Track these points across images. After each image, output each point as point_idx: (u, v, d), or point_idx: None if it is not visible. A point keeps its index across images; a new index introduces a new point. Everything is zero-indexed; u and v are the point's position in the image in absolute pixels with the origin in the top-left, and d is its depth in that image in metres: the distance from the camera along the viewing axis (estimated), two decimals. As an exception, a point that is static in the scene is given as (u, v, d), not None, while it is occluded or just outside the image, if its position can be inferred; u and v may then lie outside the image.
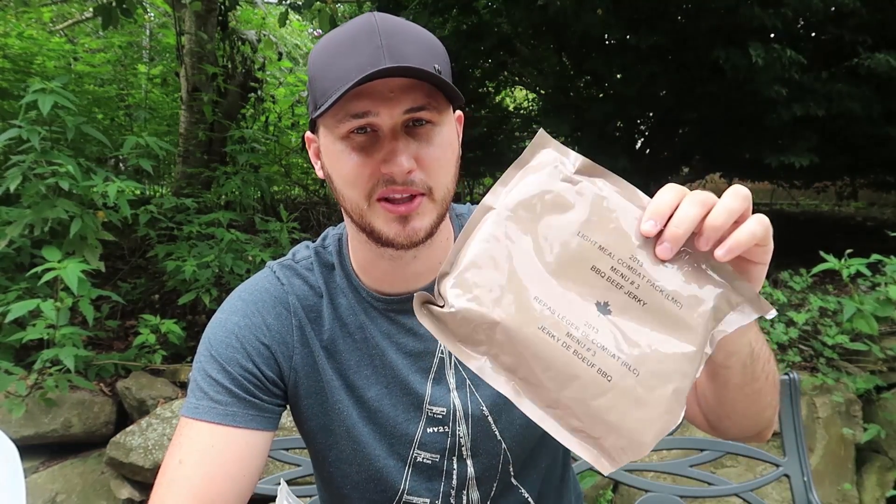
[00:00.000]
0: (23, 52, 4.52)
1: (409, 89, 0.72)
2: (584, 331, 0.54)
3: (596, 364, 0.53)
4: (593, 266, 0.55)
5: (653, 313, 0.55)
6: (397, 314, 0.87)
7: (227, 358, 0.82)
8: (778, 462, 1.39)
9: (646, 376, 0.54)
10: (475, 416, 0.86)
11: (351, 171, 0.75)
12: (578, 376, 0.53)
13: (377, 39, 0.71)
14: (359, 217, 0.77)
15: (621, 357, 0.54)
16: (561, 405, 0.54)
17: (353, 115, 0.72)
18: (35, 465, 2.47)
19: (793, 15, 3.56)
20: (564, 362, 0.53)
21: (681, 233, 0.54)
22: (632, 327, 0.55)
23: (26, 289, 2.50)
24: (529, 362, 0.54)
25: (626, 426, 0.54)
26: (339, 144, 0.75)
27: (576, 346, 0.53)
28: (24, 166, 2.53)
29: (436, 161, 0.75)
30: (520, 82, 6.22)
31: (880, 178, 5.35)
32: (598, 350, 0.54)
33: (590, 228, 0.56)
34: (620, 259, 0.55)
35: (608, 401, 0.53)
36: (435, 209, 0.77)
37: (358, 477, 0.88)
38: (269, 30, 6.05)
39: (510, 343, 0.54)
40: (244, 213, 3.75)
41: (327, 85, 0.72)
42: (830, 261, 2.66)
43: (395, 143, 0.72)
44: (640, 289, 0.55)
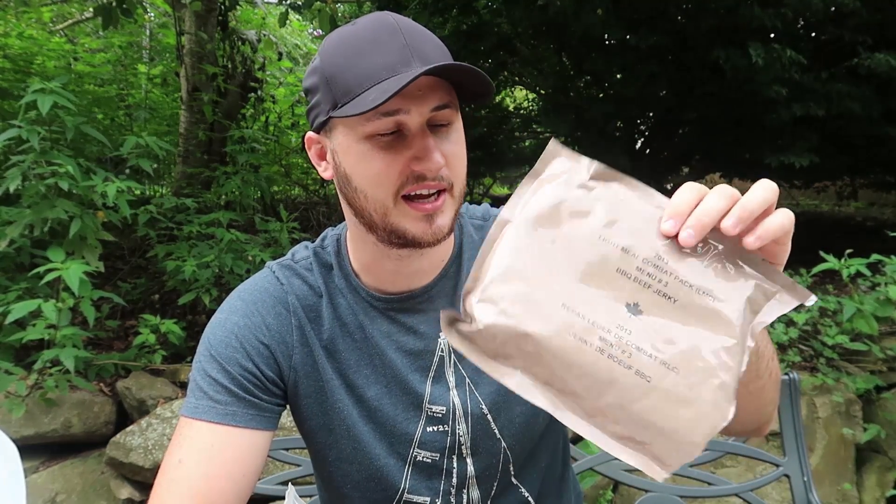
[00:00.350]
0: (23, 52, 4.52)
1: (434, 87, 0.73)
2: (616, 333, 0.52)
3: (633, 366, 0.52)
4: (618, 268, 0.54)
5: (686, 309, 0.54)
6: (397, 313, 0.87)
7: (227, 358, 0.82)
8: (778, 462, 1.39)
9: (687, 373, 0.52)
10: (475, 415, 0.86)
11: (380, 170, 0.74)
12: (616, 380, 0.52)
13: (401, 38, 0.72)
14: (382, 217, 0.77)
15: (658, 356, 0.52)
16: (601, 413, 0.53)
17: (385, 114, 0.72)
18: (35, 465, 2.47)
19: (793, 15, 3.57)
20: (600, 368, 0.52)
21: (706, 221, 0.53)
22: (666, 325, 0.53)
23: (26, 289, 2.50)
24: (563, 372, 0.52)
25: (673, 427, 0.52)
26: (363, 144, 0.74)
27: (610, 349, 0.52)
28: (23, 166, 2.53)
29: (456, 158, 0.77)
30: (520, 82, 6.22)
31: (880, 178, 5.35)
32: (634, 351, 0.52)
33: (610, 232, 0.55)
34: (645, 258, 0.54)
35: (650, 403, 0.52)
36: (454, 205, 0.79)
37: (358, 476, 0.88)
38: (269, 30, 6.05)
39: (542, 354, 0.52)
40: (244, 213, 3.75)
41: (352, 83, 0.72)
42: (830, 261, 2.66)
43: (427, 140, 0.73)
44: (668, 286, 0.54)
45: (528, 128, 6.51)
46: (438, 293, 0.87)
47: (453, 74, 0.72)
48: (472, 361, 0.54)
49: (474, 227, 0.92)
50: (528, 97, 7.02)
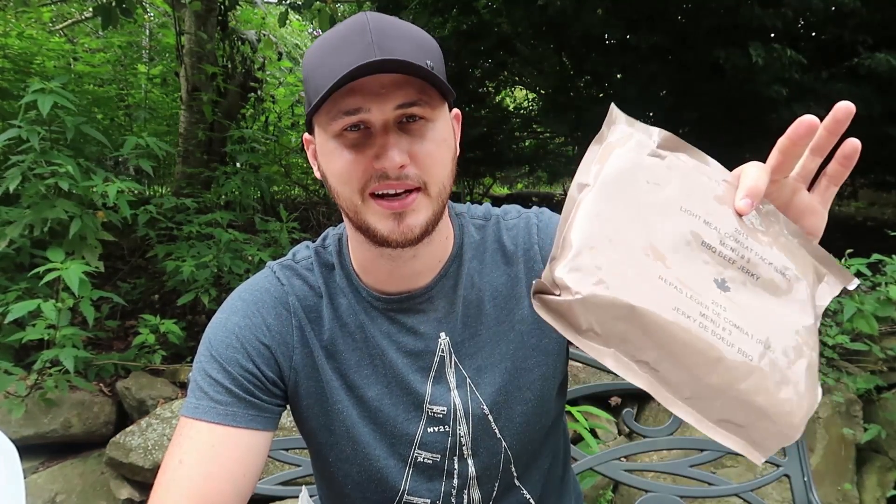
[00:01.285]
0: (23, 52, 4.52)
1: (400, 85, 0.72)
2: (714, 309, 0.49)
3: (735, 343, 0.49)
4: (703, 242, 0.51)
5: (767, 287, 0.52)
6: (397, 313, 0.86)
7: (228, 358, 0.82)
8: (778, 462, 1.39)
9: (781, 352, 0.50)
10: (475, 415, 0.86)
11: (344, 168, 0.75)
12: (723, 358, 0.48)
13: (368, 37, 0.71)
14: (353, 214, 0.77)
15: (755, 334, 0.49)
16: (704, 394, 0.49)
17: (346, 112, 0.72)
18: (35, 465, 2.47)
19: (793, 15, 3.57)
20: (706, 344, 0.48)
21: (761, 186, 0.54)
22: (753, 303, 0.51)
23: (26, 289, 2.49)
24: (669, 347, 0.48)
25: (776, 409, 0.49)
26: (332, 142, 0.75)
27: (712, 325, 0.48)
28: (23, 166, 2.53)
29: (429, 156, 0.75)
30: (520, 82, 6.22)
31: (880, 178, 5.35)
32: (733, 329, 0.49)
33: (690, 202, 0.53)
34: (727, 232, 0.52)
35: (754, 383, 0.48)
36: (430, 205, 0.76)
37: (358, 477, 0.88)
38: (269, 30, 6.05)
39: (645, 328, 0.48)
40: (244, 213, 3.75)
41: (319, 83, 0.72)
42: (830, 261, 2.66)
43: (387, 138, 0.72)
44: (750, 262, 0.52)
45: (528, 128, 6.51)
46: (438, 293, 0.87)
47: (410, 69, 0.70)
48: (563, 335, 0.49)
49: (475, 226, 0.92)
50: (528, 97, 7.02)
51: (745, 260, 0.52)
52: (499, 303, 0.87)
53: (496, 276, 0.88)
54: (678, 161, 0.55)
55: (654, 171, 0.53)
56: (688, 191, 0.53)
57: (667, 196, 0.53)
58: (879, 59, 3.39)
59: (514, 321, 0.87)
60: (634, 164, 0.53)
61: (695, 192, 0.53)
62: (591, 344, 0.49)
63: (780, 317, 0.51)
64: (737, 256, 0.52)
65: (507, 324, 0.87)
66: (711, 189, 0.54)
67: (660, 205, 0.52)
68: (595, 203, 0.51)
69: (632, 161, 0.53)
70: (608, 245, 0.49)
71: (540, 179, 8.59)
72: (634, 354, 0.49)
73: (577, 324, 0.49)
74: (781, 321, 0.51)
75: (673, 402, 0.49)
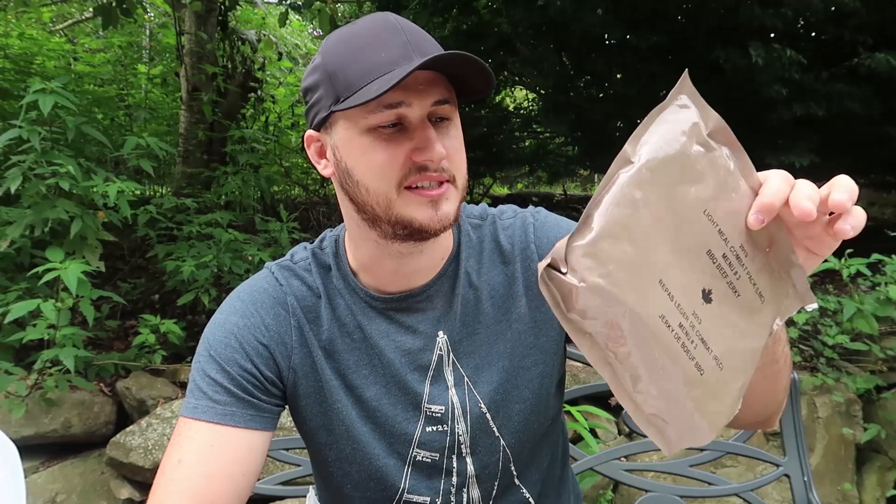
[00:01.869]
0: (23, 52, 4.52)
1: (435, 83, 0.75)
2: (691, 321, 0.52)
3: (695, 357, 0.52)
4: (709, 251, 0.53)
5: (742, 306, 0.54)
6: (395, 313, 0.87)
7: (226, 358, 0.82)
8: (778, 462, 1.39)
9: (727, 371, 0.53)
10: (473, 414, 0.86)
11: (383, 162, 0.75)
12: (682, 369, 0.51)
13: (402, 35, 0.74)
14: (385, 209, 0.77)
15: (714, 350, 0.53)
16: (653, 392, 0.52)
17: (387, 106, 0.73)
18: (35, 465, 2.47)
19: (793, 15, 3.56)
20: (673, 353, 0.51)
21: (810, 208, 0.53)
22: (725, 319, 0.53)
23: (26, 289, 2.49)
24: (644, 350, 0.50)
25: (701, 417, 0.53)
26: (365, 137, 0.75)
27: (684, 337, 0.51)
28: (24, 166, 2.53)
29: (456, 152, 0.78)
30: (520, 82, 6.22)
31: (880, 178, 5.35)
32: (699, 343, 0.52)
33: (715, 207, 0.53)
34: (733, 247, 0.54)
35: (695, 393, 0.52)
36: (458, 196, 0.79)
37: (358, 476, 0.88)
38: (269, 30, 6.05)
39: (630, 328, 0.50)
40: (244, 213, 3.75)
41: (354, 78, 0.73)
42: (830, 260, 2.66)
43: (428, 131, 0.74)
44: (740, 280, 0.54)
45: (528, 128, 6.51)
46: (437, 292, 0.87)
47: (456, 65, 0.73)
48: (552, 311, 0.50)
49: (472, 226, 0.92)
50: (528, 97, 7.02)
51: (735, 276, 0.54)
52: (496, 302, 0.88)
53: (493, 276, 0.89)
54: (720, 157, 0.55)
55: (696, 165, 0.53)
56: (717, 193, 0.54)
57: (697, 195, 0.53)
58: (879, 59, 3.39)
59: (512, 320, 0.87)
60: (680, 152, 0.53)
61: (722, 196, 0.54)
62: (574, 326, 0.50)
63: (741, 336, 0.54)
64: (730, 272, 0.54)
65: (504, 323, 0.87)
66: (736, 196, 0.55)
67: (689, 203, 0.52)
68: (629, 187, 0.51)
69: (679, 147, 0.53)
70: (627, 237, 0.50)
71: (540, 179, 8.59)
72: (609, 344, 0.50)
73: (570, 304, 0.49)
74: (739, 341, 0.54)
75: (624, 393, 0.52)
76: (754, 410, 0.77)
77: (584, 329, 0.50)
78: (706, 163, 0.53)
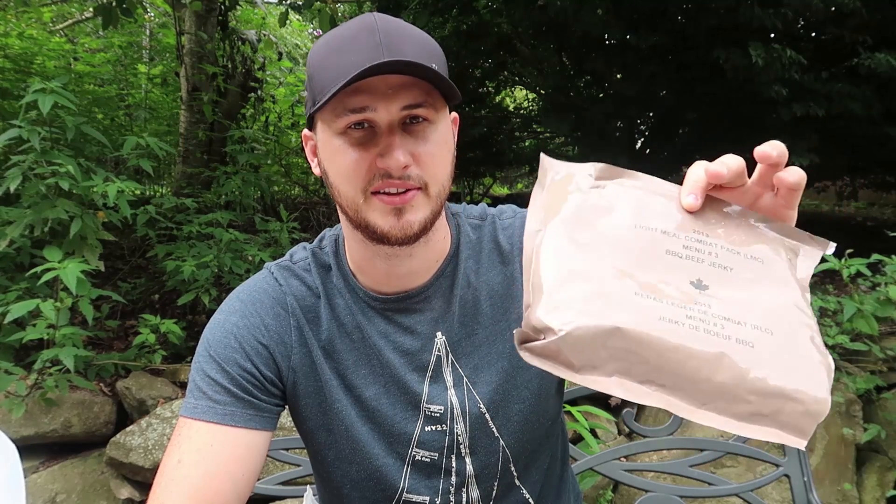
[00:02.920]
0: (23, 52, 4.52)
1: (407, 86, 0.72)
2: (699, 309, 0.49)
3: (731, 335, 0.48)
4: (667, 250, 0.52)
5: (744, 276, 0.52)
6: (394, 313, 0.87)
7: (226, 358, 0.82)
8: (778, 462, 1.39)
9: (781, 334, 0.49)
10: (472, 414, 0.86)
11: (348, 166, 0.75)
12: (724, 354, 0.47)
13: (377, 37, 0.72)
14: (354, 212, 0.78)
15: (749, 321, 0.49)
16: (718, 394, 0.48)
17: (351, 110, 0.73)
18: (35, 465, 2.47)
19: (793, 15, 3.56)
20: (702, 344, 0.47)
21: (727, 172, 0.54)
22: (736, 294, 0.51)
23: (26, 289, 2.49)
24: (667, 358, 0.47)
25: (795, 388, 0.48)
26: (336, 140, 0.75)
27: (703, 324, 0.48)
28: (24, 166, 2.53)
29: (431, 157, 0.76)
30: (520, 82, 6.22)
31: (880, 178, 5.35)
32: (725, 322, 0.48)
33: (643, 219, 0.53)
34: (687, 236, 0.53)
35: (764, 369, 0.48)
36: (429, 205, 0.77)
37: (357, 476, 0.88)
38: (269, 30, 6.05)
39: (637, 346, 0.47)
40: (244, 213, 3.75)
41: (325, 81, 0.73)
42: (830, 261, 2.66)
43: (392, 138, 0.73)
44: (720, 257, 0.52)
45: (528, 128, 6.51)
46: (435, 292, 0.87)
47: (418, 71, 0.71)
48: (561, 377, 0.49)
49: (471, 226, 0.92)
50: (528, 97, 7.02)
51: (713, 256, 0.52)
52: (495, 302, 0.88)
53: (492, 276, 0.89)
54: (620, 187, 0.56)
55: (599, 201, 0.55)
56: (637, 209, 0.54)
57: (619, 219, 0.54)
58: (879, 59, 3.39)
59: (511, 320, 0.87)
60: (580, 200, 0.55)
61: (644, 208, 0.54)
62: (593, 378, 0.48)
63: (768, 299, 0.51)
64: (704, 255, 0.52)
65: (503, 323, 0.87)
66: (659, 202, 0.55)
67: (614, 229, 0.53)
68: (552, 243, 0.52)
69: (576, 197, 0.55)
70: (577, 277, 0.50)
71: (540, 179, 8.57)
72: (636, 376, 0.48)
73: (570, 362, 0.48)
74: (771, 303, 0.51)
75: (692, 411, 0.48)
76: None
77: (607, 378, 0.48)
78: (609, 196, 0.55)
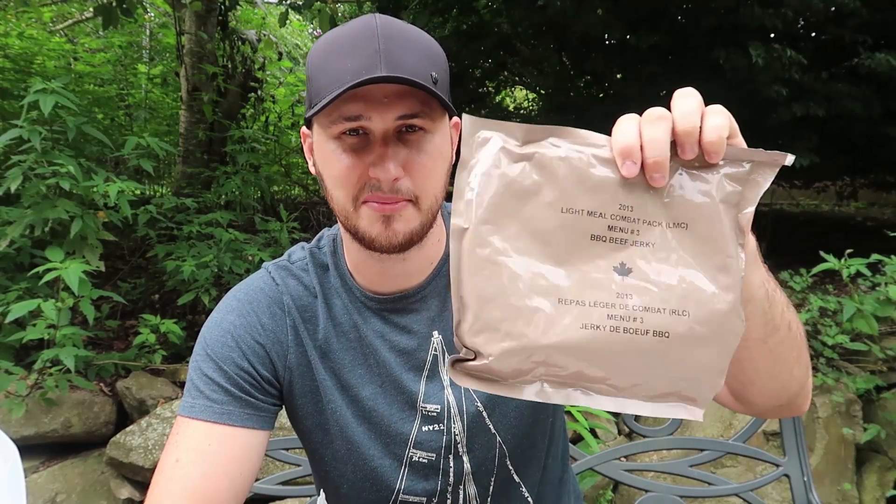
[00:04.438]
0: (23, 52, 4.52)
1: (404, 95, 0.72)
2: (620, 304, 0.51)
3: (649, 329, 0.51)
4: (592, 235, 0.52)
5: (667, 249, 0.52)
6: (391, 313, 0.87)
7: (223, 357, 0.82)
8: (778, 462, 1.39)
9: (696, 311, 0.51)
10: (469, 413, 0.87)
11: (341, 172, 0.75)
12: (643, 351, 0.51)
13: (375, 44, 0.71)
14: (345, 218, 0.78)
15: (666, 307, 0.51)
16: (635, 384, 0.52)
17: (346, 118, 0.72)
18: (35, 465, 2.47)
19: (793, 15, 3.57)
20: (621, 346, 0.50)
21: (661, 158, 0.52)
22: (657, 272, 0.52)
23: (26, 289, 2.50)
24: (588, 365, 0.51)
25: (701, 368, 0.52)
26: (331, 144, 0.75)
27: (622, 323, 0.50)
28: (24, 166, 2.53)
29: (424, 169, 0.75)
30: (520, 82, 6.23)
31: (880, 178, 5.35)
32: (643, 314, 0.51)
33: (569, 199, 0.52)
34: (612, 214, 0.52)
35: (676, 356, 0.51)
36: (419, 217, 0.77)
37: (354, 476, 0.88)
38: (269, 30, 6.05)
39: (561, 357, 0.50)
40: (244, 213, 3.76)
41: (322, 85, 0.73)
42: (830, 261, 2.66)
43: (385, 149, 0.72)
44: (641, 234, 0.52)
45: (528, 128, 6.50)
46: (431, 292, 0.87)
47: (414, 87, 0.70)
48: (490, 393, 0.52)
49: None
50: (528, 97, 7.02)
51: (636, 234, 0.52)
52: None
53: None
54: (547, 153, 0.52)
55: (524, 179, 0.52)
56: (563, 186, 0.52)
57: (544, 201, 0.52)
58: (879, 59, 3.39)
59: None
60: (502, 182, 0.52)
61: (571, 183, 0.52)
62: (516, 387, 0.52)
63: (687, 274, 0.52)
64: (628, 234, 0.52)
65: None
66: (588, 169, 0.52)
67: (539, 216, 0.52)
68: (475, 250, 0.51)
69: (498, 178, 0.52)
70: (502, 292, 0.51)
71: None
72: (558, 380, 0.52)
73: (501, 379, 0.51)
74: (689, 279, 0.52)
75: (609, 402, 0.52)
76: (769, 392, 0.71)
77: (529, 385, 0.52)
78: (535, 170, 0.52)
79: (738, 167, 0.53)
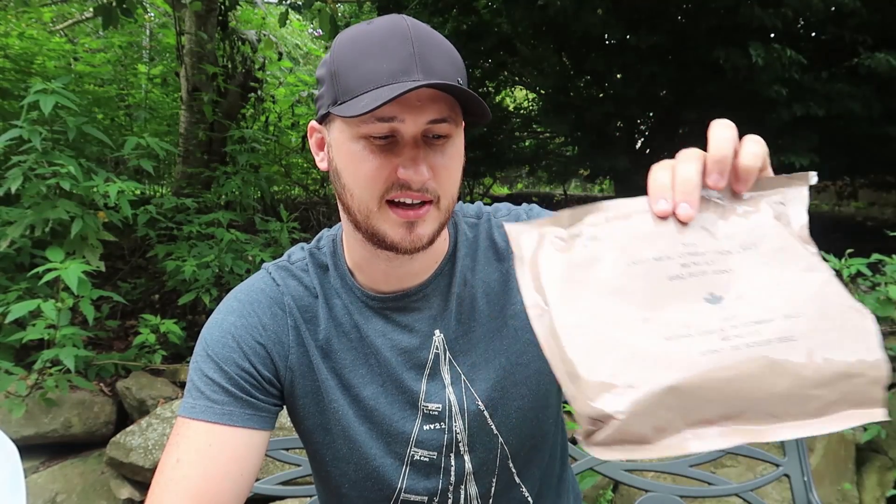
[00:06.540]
0: (23, 52, 4.53)
1: (434, 100, 0.73)
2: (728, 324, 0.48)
3: (770, 337, 0.47)
4: (669, 276, 0.50)
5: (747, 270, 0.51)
6: (392, 312, 0.87)
7: (224, 357, 0.82)
8: (778, 462, 1.39)
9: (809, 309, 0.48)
10: (471, 412, 0.87)
11: (368, 172, 0.75)
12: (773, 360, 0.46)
13: (409, 46, 0.72)
14: (364, 218, 0.78)
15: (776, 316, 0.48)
16: (788, 402, 0.46)
17: (380, 119, 0.72)
18: (35, 465, 2.47)
19: (793, 15, 3.57)
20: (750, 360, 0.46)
21: (691, 187, 0.53)
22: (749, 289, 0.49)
23: (26, 289, 2.50)
24: (726, 391, 0.46)
25: (850, 361, 0.46)
26: (356, 143, 0.75)
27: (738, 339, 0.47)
28: (25, 166, 2.53)
29: (447, 171, 0.77)
30: (520, 82, 6.23)
31: (880, 178, 5.36)
32: (756, 327, 0.47)
33: (633, 253, 0.52)
34: (679, 253, 0.51)
35: (814, 358, 0.46)
36: (439, 218, 0.78)
37: (355, 476, 0.88)
38: (269, 30, 6.05)
39: (694, 394, 0.46)
40: (244, 213, 3.76)
41: (353, 83, 0.73)
42: (830, 261, 2.66)
43: (417, 151, 0.73)
44: (716, 263, 0.51)
45: (528, 128, 6.52)
46: (433, 291, 0.87)
47: (453, 92, 0.72)
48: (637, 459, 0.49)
49: (468, 224, 0.93)
50: (528, 97, 7.03)
51: (710, 264, 0.51)
52: (492, 299, 0.88)
53: (488, 273, 0.89)
54: (594, 228, 0.54)
55: (584, 253, 0.53)
56: (621, 245, 0.53)
57: (610, 265, 0.52)
58: (879, 59, 3.39)
59: (507, 317, 0.88)
60: (564, 262, 0.53)
61: (628, 240, 0.53)
62: (667, 444, 0.46)
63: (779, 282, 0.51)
64: (702, 265, 0.51)
65: (500, 320, 0.88)
66: (637, 226, 0.53)
67: (612, 276, 0.51)
68: (565, 321, 0.50)
69: (559, 260, 0.53)
70: (603, 349, 0.48)
71: (540, 179, 8.60)
72: (704, 421, 0.46)
73: (641, 438, 0.46)
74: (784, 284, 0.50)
75: (774, 431, 0.46)
76: None
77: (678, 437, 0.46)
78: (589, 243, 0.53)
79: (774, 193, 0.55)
